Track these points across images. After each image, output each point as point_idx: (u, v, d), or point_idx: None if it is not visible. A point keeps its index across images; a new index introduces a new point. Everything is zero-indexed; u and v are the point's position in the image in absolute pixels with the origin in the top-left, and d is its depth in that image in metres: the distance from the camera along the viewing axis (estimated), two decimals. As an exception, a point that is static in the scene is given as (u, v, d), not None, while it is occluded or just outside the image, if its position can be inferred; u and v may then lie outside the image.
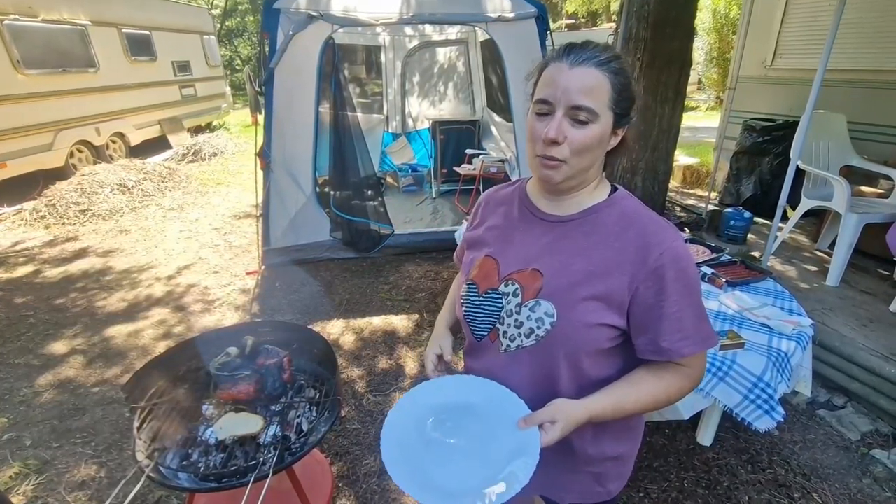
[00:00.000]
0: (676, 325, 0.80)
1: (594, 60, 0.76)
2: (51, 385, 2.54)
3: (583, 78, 0.76)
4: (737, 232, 3.78)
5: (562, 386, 0.85)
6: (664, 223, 0.83)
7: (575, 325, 0.81)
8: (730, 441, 2.19)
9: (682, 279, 0.79)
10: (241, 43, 23.11)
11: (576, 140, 0.77)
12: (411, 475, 0.73)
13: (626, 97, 0.79)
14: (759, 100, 5.06)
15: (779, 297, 1.83)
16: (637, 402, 0.82)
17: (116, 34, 7.39)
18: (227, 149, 8.54)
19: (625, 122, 0.82)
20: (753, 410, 1.39)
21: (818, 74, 2.22)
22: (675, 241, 0.80)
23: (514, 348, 0.87)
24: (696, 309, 0.81)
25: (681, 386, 0.84)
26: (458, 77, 6.22)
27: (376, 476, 2.00)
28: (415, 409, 0.86)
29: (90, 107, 6.76)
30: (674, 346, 0.80)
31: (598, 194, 0.87)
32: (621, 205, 0.86)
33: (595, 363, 0.84)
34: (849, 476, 2.01)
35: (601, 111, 0.77)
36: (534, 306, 0.83)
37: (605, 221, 0.84)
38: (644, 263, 0.79)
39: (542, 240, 0.88)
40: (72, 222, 4.94)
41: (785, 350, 1.47)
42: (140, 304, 3.39)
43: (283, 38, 3.41)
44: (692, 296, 0.81)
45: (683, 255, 0.80)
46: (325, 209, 3.91)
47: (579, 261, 0.83)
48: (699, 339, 0.81)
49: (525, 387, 0.86)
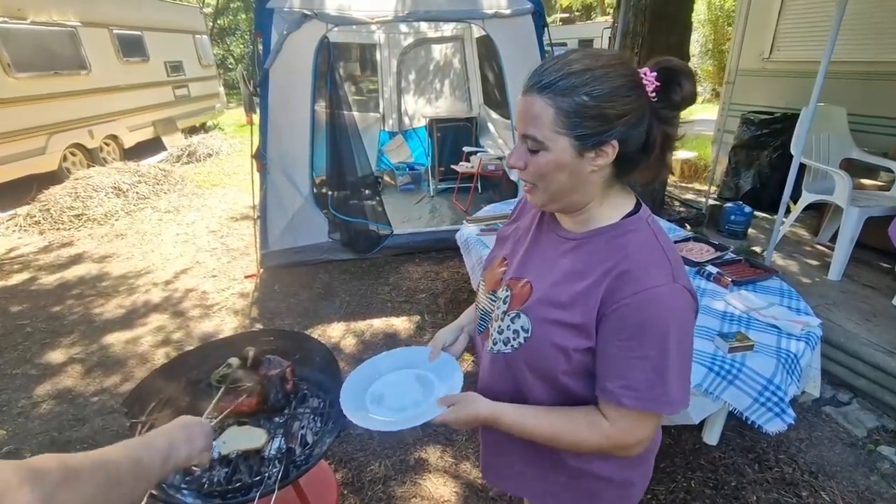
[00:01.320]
0: (623, 371, 0.74)
1: (538, 86, 0.72)
2: (49, 395, 2.51)
3: (526, 106, 0.74)
4: (737, 227, 3.78)
5: (532, 396, 0.86)
6: (659, 265, 0.74)
7: (545, 344, 0.80)
8: (736, 440, 2.18)
9: (643, 328, 0.71)
10: (234, 41, 22.95)
11: (531, 167, 0.76)
12: (355, 412, 0.90)
13: (590, 115, 0.70)
14: (756, 93, 5.05)
15: (785, 295, 1.81)
16: (536, 427, 0.81)
17: (107, 35, 7.30)
18: (222, 149, 8.48)
19: (602, 140, 0.72)
20: (764, 413, 1.38)
21: (822, 66, 2.20)
22: (656, 286, 0.72)
23: (496, 351, 0.89)
24: (656, 364, 0.72)
25: (595, 441, 0.78)
26: (454, 74, 6.17)
27: (381, 482, 1.98)
28: (368, 369, 1.03)
29: (83, 109, 6.68)
30: (616, 391, 0.74)
31: (611, 214, 0.81)
32: (626, 234, 0.78)
33: (576, 381, 0.82)
34: (856, 473, 2.00)
35: (548, 138, 0.73)
36: (514, 317, 0.84)
37: (602, 248, 0.79)
38: (611, 298, 0.73)
39: (546, 253, 0.87)
40: (66, 227, 4.89)
41: (794, 351, 1.45)
42: (138, 310, 3.35)
43: (278, 38, 3.37)
44: (653, 349, 0.72)
45: (658, 303, 0.71)
46: (322, 210, 3.88)
47: (567, 283, 0.80)
48: (648, 397, 0.73)
49: (501, 388, 0.90)
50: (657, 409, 0.74)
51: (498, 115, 5.44)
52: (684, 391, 0.75)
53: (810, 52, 4.59)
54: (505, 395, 0.90)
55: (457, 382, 0.93)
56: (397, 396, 0.95)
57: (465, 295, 3.43)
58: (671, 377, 0.72)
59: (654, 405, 0.74)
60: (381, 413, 0.91)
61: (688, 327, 0.75)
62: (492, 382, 0.93)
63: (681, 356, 0.74)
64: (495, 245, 1.04)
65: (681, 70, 0.73)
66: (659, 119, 0.75)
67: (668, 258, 0.76)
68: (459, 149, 5.38)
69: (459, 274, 3.74)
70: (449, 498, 1.92)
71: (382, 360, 1.05)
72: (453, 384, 0.93)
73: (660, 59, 0.75)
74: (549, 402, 0.85)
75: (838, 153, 3.57)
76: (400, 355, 1.06)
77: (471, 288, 3.41)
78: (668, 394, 0.73)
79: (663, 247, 0.77)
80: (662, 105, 0.74)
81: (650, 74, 0.73)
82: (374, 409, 0.92)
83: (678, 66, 0.74)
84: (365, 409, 0.92)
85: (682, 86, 0.73)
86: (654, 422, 0.78)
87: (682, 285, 0.74)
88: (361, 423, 0.86)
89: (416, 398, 0.93)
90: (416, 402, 0.92)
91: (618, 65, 0.72)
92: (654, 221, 0.81)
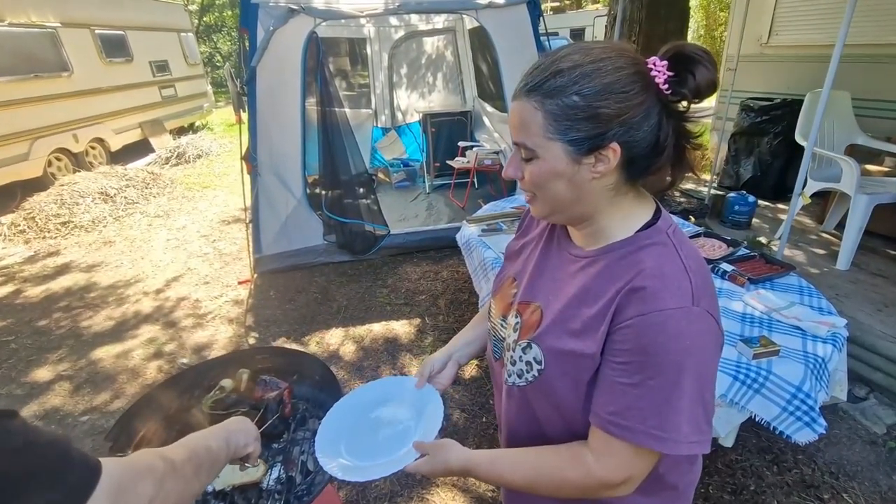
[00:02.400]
0: (616, 397, 0.65)
1: (525, 89, 0.66)
2: (36, 416, 2.40)
3: (516, 112, 0.68)
4: (741, 217, 3.70)
5: (550, 429, 0.78)
6: (677, 284, 0.64)
7: (560, 378, 0.71)
8: (752, 440, 2.11)
9: (646, 353, 0.62)
10: (221, 38, 22.61)
11: (527, 176, 0.70)
12: (329, 460, 0.86)
13: (581, 117, 0.63)
14: (755, 79, 4.95)
15: (805, 293, 1.73)
16: (512, 474, 0.75)
17: (89, 35, 7.09)
18: (212, 150, 8.32)
19: (598, 144, 0.64)
20: (793, 423, 1.30)
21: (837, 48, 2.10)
22: (669, 308, 0.62)
23: (511, 384, 0.81)
24: (657, 394, 0.62)
25: (578, 479, 0.69)
26: (446, 67, 6.04)
27: (387, 499, 1.90)
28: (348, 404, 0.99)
29: (66, 112, 6.50)
30: (603, 416, 0.66)
31: (625, 226, 0.71)
32: (643, 249, 0.68)
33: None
34: (878, 472, 1.94)
35: (539, 146, 0.66)
36: (525, 348, 0.76)
37: (614, 265, 0.69)
38: (618, 317, 0.65)
39: (556, 273, 0.78)
40: (53, 236, 4.75)
41: (822, 355, 1.37)
42: (128, 321, 3.24)
43: (264, 35, 3.24)
44: (655, 377, 0.62)
45: (668, 328, 0.61)
46: (316, 212, 3.77)
47: (577, 307, 0.71)
48: (639, 429, 0.63)
49: (519, 422, 0.83)
50: (648, 444, 0.63)
51: (493, 109, 5.33)
52: (697, 429, 0.63)
53: (810, 36, 4.51)
54: (522, 430, 0.83)
55: (435, 423, 0.86)
56: (373, 439, 0.90)
57: (465, 295, 3.34)
58: (675, 411, 0.62)
59: (644, 439, 0.63)
60: (355, 457, 0.87)
61: (706, 357, 0.64)
62: (511, 416, 0.85)
63: (698, 390, 0.63)
64: (504, 262, 0.96)
65: (696, 55, 0.63)
66: (671, 114, 0.66)
67: (690, 277, 0.64)
68: (454, 144, 5.27)
69: (459, 273, 3.65)
70: (458, 513, 1.84)
71: (364, 392, 1.00)
72: (431, 425, 0.86)
73: (670, 45, 0.65)
74: (570, 438, 0.75)
75: (843, 139, 3.50)
76: (381, 387, 1.01)
77: (471, 288, 3.32)
78: (665, 429, 0.62)
79: (685, 263, 0.66)
80: (677, 98, 0.65)
81: (660, 64, 0.64)
82: (349, 453, 0.88)
83: (692, 52, 0.64)
84: (339, 454, 0.88)
85: (697, 74, 0.63)
86: (647, 460, 0.67)
87: (704, 309, 0.63)
88: (334, 473, 0.82)
89: (393, 441, 0.88)
90: (391, 445, 0.87)
91: (613, 57, 0.64)
92: (676, 233, 0.71)
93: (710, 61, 0.64)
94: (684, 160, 0.70)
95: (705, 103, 0.96)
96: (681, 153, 0.69)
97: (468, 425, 2.26)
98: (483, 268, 2.25)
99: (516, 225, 0.98)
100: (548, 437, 0.78)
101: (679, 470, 0.79)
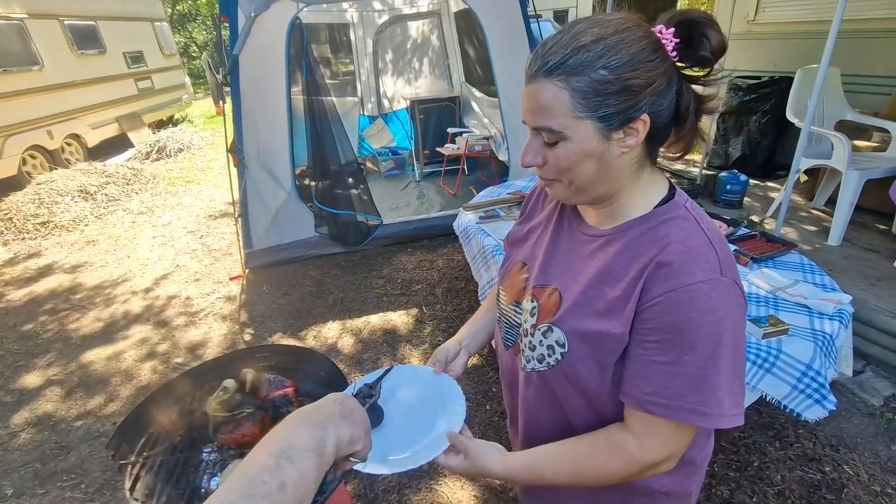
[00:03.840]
0: (652, 376, 0.64)
1: (545, 69, 0.62)
2: (28, 423, 2.33)
3: (535, 95, 0.64)
4: (734, 196, 3.72)
5: (574, 414, 0.77)
6: (704, 256, 0.63)
7: (585, 360, 0.70)
8: (753, 417, 2.13)
9: (679, 330, 0.61)
10: (196, 27, 21.96)
11: (552, 161, 0.67)
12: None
13: (612, 91, 0.61)
14: (743, 56, 4.94)
15: (808, 270, 1.74)
16: (555, 476, 0.72)
17: (58, 26, 6.80)
18: (194, 143, 8.11)
19: (628, 117, 0.62)
20: (803, 401, 1.30)
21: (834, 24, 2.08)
22: (699, 282, 0.61)
23: (530, 370, 0.79)
24: (694, 370, 0.61)
25: (623, 467, 0.68)
26: (432, 52, 5.93)
27: (395, 492, 1.89)
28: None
29: (39, 108, 6.25)
30: (640, 396, 0.65)
31: (643, 203, 0.70)
32: (665, 223, 0.68)
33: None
34: (877, 443, 1.98)
35: (567, 126, 0.63)
36: (546, 331, 0.74)
37: (636, 242, 0.68)
38: (647, 295, 0.64)
39: (570, 255, 0.77)
40: (32, 236, 4.59)
41: (829, 332, 1.38)
42: (117, 322, 3.15)
43: (245, 21, 3.12)
44: (691, 353, 0.61)
45: (701, 301, 0.61)
46: (307, 204, 3.69)
47: (599, 287, 0.69)
48: (679, 406, 0.62)
49: (540, 409, 0.81)
50: (691, 420, 0.63)
51: (481, 94, 5.25)
52: (735, 401, 0.63)
53: (796, 13, 4.50)
54: (544, 417, 0.81)
55: (458, 413, 0.81)
56: (394, 429, 0.82)
57: (462, 283, 3.32)
58: (714, 386, 0.62)
59: (687, 415, 0.63)
60: (378, 448, 0.77)
61: (737, 329, 0.64)
62: (530, 403, 0.83)
63: (732, 362, 0.63)
64: (508, 249, 0.94)
65: (701, 20, 0.63)
66: (688, 80, 0.66)
67: (715, 248, 0.64)
68: (443, 130, 5.20)
69: (455, 261, 3.62)
70: (468, 502, 1.84)
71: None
72: (455, 416, 0.81)
73: (673, 12, 0.65)
74: (595, 420, 0.74)
75: (833, 115, 3.51)
76: (396, 375, 0.93)
77: (468, 276, 3.30)
78: (707, 403, 0.62)
79: (708, 235, 0.66)
80: (688, 64, 0.66)
81: (667, 31, 0.63)
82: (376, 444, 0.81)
83: (697, 17, 0.63)
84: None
85: (708, 37, 0.62)
86: (688, 435, 0.67)
87: (732, 279, 0.64)
88: (358, 468, 0.72)
89: (416, 431, 0.81)
90: (415, 435, 0.80)
91: (632, 27, 0.62)
92: (694, 206, 0.71)
93: (715, 24, 0.64)
94: (697, 129, 0.69)
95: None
96: (695, 119, 0.69)
97: (472, 414, 2.25)
98: (483, 255, 2.22)
99: (514, 211, 0.95)
100: (571, 422, 0.78)
101: (697, 445, 0.80)
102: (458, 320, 2.87)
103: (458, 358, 0.95)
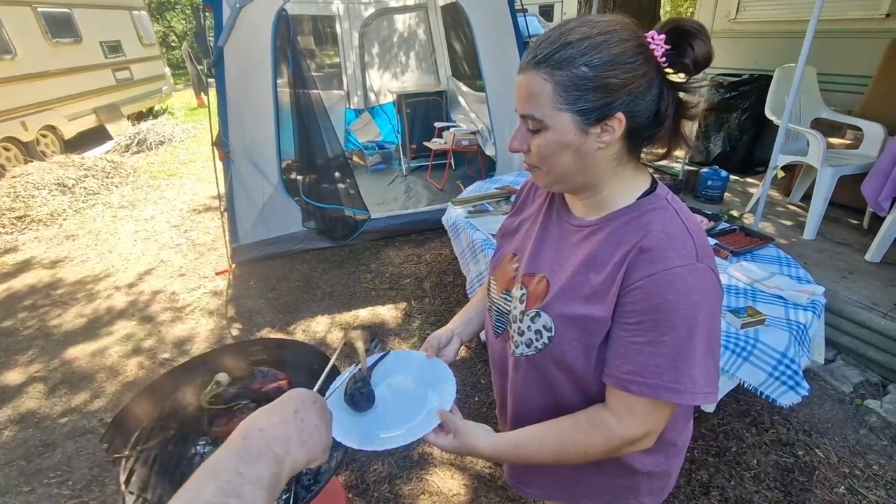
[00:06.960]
0: (632, 356, 0.68)
1: (534, 61, 0.67)
2: (11, 421, 2.29)
3: (524, 85, 0.69)
4: (714, 192, 3.81)
5: (561, 396, 0.81)
6: (682, 244, 0.67)
7: (570, 343, 0.74)
8: (732, 405, 2.22)
9: (657, 311, 0.66)
10: (175, 16, 21.41)
11: (534, 148, 0.72)
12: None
13: (591, 87, 0.65)
14: (723, 54, 5.04)
15: (784, 263, 1.81)
16: (538, 453, 0.77)
17: (31, 14, 6.58)
18: (175, 135, 7.94)
19: (606, 113, 0.66)
20: (778, 387, 1.37)
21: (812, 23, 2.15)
22: (675, 266, 0.66)
23: (518, 354, 0.84)
24: (669, 349, 0.66)
25: (602, 442, 0.73)
26: (419, 45, 5.90)
27: (387, 482, 1.92)
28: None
29: (12, 98, 6.07)
30: (620, 376, 0.69)
31: (626, 195, 0.75)
32: (646, 213, 0.72)
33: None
34: (846, 428, 2.08)
35: (548, 116, 0.68)
36: (534, 317, 0.78)
37: (619, 231, 0.72)
38: (628, 279, 0.68)
39: (558, 244, 0.81)
40: (9, 231, 4.47)
41: (803, 322, 1.45)
42: (101, 318, 3.10)
43: (230, 12, 3.07)
44: (667, 333, 0.65)
45: (676, 285, 0.65)
46: (294, 198, 3.67)
47: (585, 274, 0.74)
48: (656, 384, 0.66)
49: (530, 393, 0.85)
50: (667, 397, 0.67)
51: (468, 88, 5.26)
52: (709, 380, 0.68)
53: (775, 12, 4.61)
54: (532, 400, 0.86)
55: (449, 392, 0.84)
56: (386, 408, 0.86)
57: (450, 277, 3.34)
58: (689, 364, 0.66)
59: (663, 392, 0.67)
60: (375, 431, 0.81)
61: (713, 311, 0.69)
62: (518, 387, 0.88)
63: (707, 343, 0.67)
64: (499, 241, 0.99)
65: (692, 30, 0.67)
66: (671, 85, 0.70)
67: (693, 236, 0.69)
68: (430, 124, 5.20)
69: (442, 256, 3.64)
70: (458, 491, 1.88)
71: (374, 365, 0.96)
72: (446, 395, 0.84)
73: (667, 21, 0.69)
74: (583, 404, 0.79)
75: (809, 113, 3.62)
76: (390, 360, 0.96)
77: (456, 270, 3.33)
78: (681, 381, 0.66)
79: (687, 225, 0.71)
80: (675, 70, 0.69)
81: (658, 37, 0.67)
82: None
83: (689, 27, 0.67)
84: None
85: (694, 47, 0.67)
86: (665, 412, 0.72)
87: (707, 265, 0.68)
88: (349, 444, 0.75)
89: (407, 410, 0.84)
90: (406, 413, 0.83)
91: (618, 29, 0.67)
92: (674, 199, 0.76)
93: (706, 35, 0.68)
94: (679, 132, 0.74)
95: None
96: (677, 123, 0.73)
97: (461, 406, 2.28)
98: (472, 249, 2.25)
99: (502, 205, 0.99)
100: (559, 403, 0.82)
101: (678, 427, 0.86)
102: (447, 314, 2.90)
103: (451, 345, 0.98)
